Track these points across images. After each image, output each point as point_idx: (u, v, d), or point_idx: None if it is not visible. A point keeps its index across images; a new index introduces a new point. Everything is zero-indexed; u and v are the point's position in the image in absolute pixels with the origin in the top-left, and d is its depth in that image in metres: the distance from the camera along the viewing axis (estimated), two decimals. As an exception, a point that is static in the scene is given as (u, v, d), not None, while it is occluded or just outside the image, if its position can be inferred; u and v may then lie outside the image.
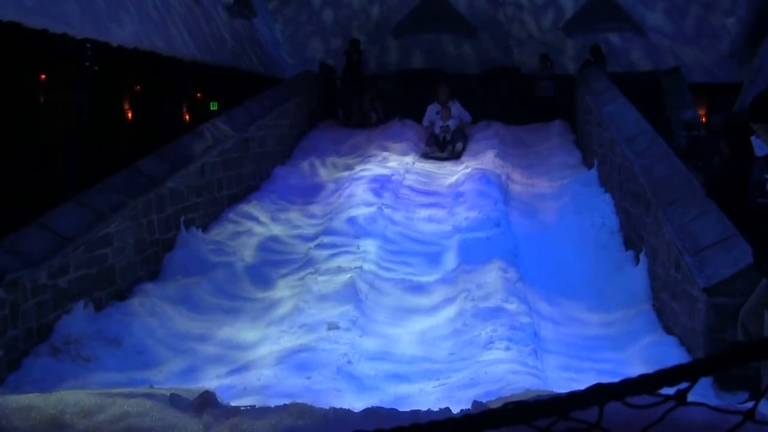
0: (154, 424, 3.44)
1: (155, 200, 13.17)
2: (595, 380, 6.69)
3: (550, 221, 15.14)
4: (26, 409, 3.48)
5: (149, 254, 12.86)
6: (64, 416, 3.47)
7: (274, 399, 7.91)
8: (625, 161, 14.10)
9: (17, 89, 17.68)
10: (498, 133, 21.08)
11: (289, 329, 10.79)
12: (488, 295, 11.21)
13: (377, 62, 26.46)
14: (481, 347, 9.86)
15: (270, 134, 19.04)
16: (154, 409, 3.58)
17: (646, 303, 11.29)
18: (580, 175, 17.02)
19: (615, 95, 17.97)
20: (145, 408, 3.56)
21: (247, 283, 12.88)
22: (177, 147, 14.86)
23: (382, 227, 14.47)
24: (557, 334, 10.91)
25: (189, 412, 3.68)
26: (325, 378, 8.90)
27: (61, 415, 3.47)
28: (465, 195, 16.08)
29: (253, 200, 16.42)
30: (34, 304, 10.01)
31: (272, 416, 3.65)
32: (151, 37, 19.19)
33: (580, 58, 26.13)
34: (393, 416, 3.75)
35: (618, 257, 13.05)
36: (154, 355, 10.35)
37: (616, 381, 1.69)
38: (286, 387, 8.81)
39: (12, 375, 9.48)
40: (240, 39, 25.40)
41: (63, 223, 11.10)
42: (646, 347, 10.04)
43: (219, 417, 3.63)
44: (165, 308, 11.47)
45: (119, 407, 3.55)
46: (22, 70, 17.41)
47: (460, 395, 8.17)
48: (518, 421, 1.66)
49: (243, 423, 3.58)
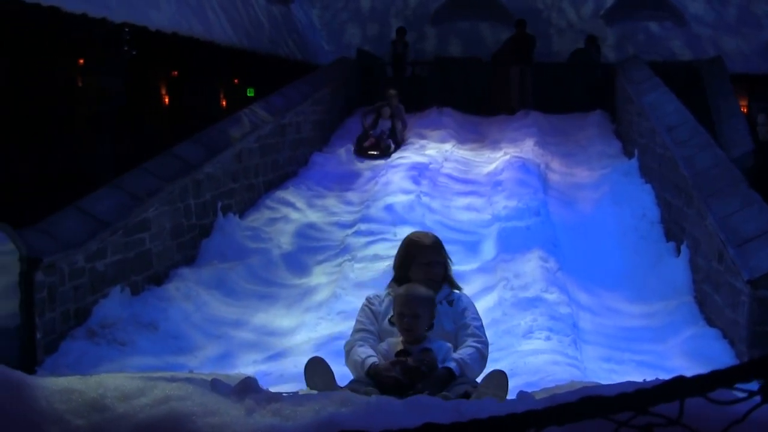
0: (196, 409, 3.37)
1: (192, 185, 13.13)
2: (636, 372, 6.55)
3: (589, 211, 15.00)
4: (67, 392, 3.42)
5: (186, 239, 12.83)
6: (105, 399, 3.41)
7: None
8: (666, 151, 13.94)
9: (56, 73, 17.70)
10: (537, 122, 20.96)
11: (326, 316, 10.76)
12: (527, 284, 11.10)
13: (414, 49, 26.31)
14: (521, 337, 9.77)
15: (307, 120, 18.99)
16: (196, 393, 3.51)
17: (687, 295, 11.15)
18: (620, 165, 16.85)
19: (655, 84, 17.80)
20: (187, 392, 3.49)
21: (283, 269, 12.84)
22: (214, 132, 14.82)
23: (419, 215, 14.37)
24: (596, 325, 10.80)
25: (230, 397, 3.62)
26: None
27: (101, 398, 3.42)
28: (504, 183, 15.95)
29: (290, 186, 16.37)
30: (71, 287, 10.00)
31: (315, 403, 3.59)
32: (190, 22, 19.17)
33: (620, 47, 25.98)
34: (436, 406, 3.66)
35: (658, 248, 12.91)
36: (189, 340, 10.33)
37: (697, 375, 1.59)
38: (324, 374, 8.75)
39: (49, 357, 9.47)
40: (277, 25, 25.35)
41: (100, 207, 11.07)
42: (687, 340, 9.92)
43: (261, 402, 3.56)
44: (201, 293, 11.46)
45: (160, 391, 3.48)
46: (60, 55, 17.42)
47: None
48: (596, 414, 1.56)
49: (285, 409, 3.51)
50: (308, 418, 3.35)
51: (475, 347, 6.11)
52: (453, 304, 6.43)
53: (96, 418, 3.36)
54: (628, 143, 18.41)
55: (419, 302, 5.92)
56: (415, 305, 5.89)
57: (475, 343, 6.14)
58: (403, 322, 5.90)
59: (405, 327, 5.89)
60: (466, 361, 5.95)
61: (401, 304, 5.92)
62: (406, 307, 5.90)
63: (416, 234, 6.63)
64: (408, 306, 5.88)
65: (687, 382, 1.57)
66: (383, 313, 6.34)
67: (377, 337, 6.26)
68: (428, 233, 6.70)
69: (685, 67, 23.91)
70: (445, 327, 6.24)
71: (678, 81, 19.48)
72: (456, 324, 6.30)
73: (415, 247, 6.44)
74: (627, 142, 18.62)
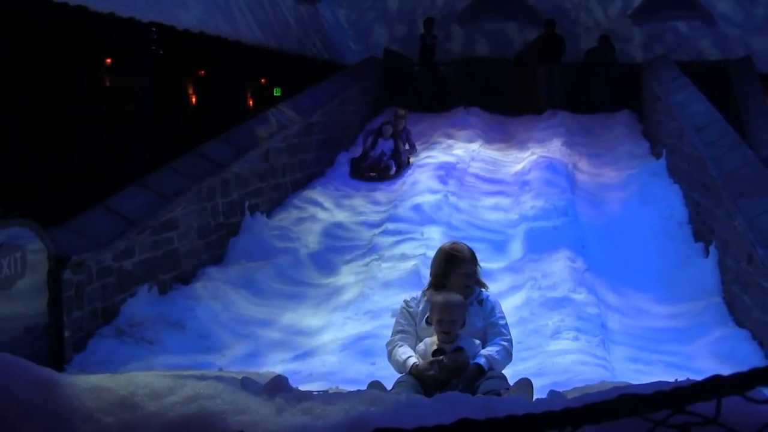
0: (226, 407, 3.37)
1: (220, 185, 13.16)
2: (664, 373, 6.51)
3: (617, 211, 14.94)
4: (97, 390, 3.42)
5: (213, 239, 12.86)
6: (135, 397, 3.42)
7: (340, 385, 7.89)
8: (695, 151, 13.87)
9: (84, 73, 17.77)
10: (564, 122, 20.89)
11: (354, 316, 10.77)
12: (555, 284, 11.09)
13: (441, 49, 26.24)
14: (548, 337, 9.76)
15: (334, 120, 18.98)
16: (226, 392, 3.51)
17: (716, 296, 11.09)
18: (647, 166, 16.77)
19: (684, 84, 17.71)
20: (216, 390, 3.49)
21: (311, 269, 12.85)
22: (241, 132, 14.84)
23: (447, 215, 14.37)
24: (624, 325, 10.77)
25: (261, 395, 3.62)
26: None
27: (131, 396, 3.42)
28: (531, 183, 15.92)
29: (318, 186, 16.38)
30: (98, 286, 10.04)
31: (345, 402, 3.58)
32: (217, 22, 19.20)
33: (647, 46, 25.85)
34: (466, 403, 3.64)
35: (686, 249, 12.85)
36: (217, 340, 10.36)
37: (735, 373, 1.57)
38: (352, 373, 8.80)
39: (77, 356, 9.52)
40: (304, 24, 25.37)
41: (128, 206, 11.11)
42: (716, 340, 9.88)
43: (291, 401, 3.56)
44: (228, 293, 11.48)
45: (190, 389, 3.48)
46: (88, 54, 17.48)
47: (527, 385, 8.03)
48: (633, 412, 1.55)
49: (315, 407, 3.50)
50: (338, 417, 3.34)
51: (502, 345, 6.77)
52: (482, 303, 7.03)
53: (126, 416, 3.36)
54: (656, 143, 18.31)
55: (457, 310, 6.63)
56: (454, 313, 6.61)
57: (502, 341, 6.81)
58: (442, 326, 6.60)
59: (443, 330, 6.59)
60: (494, 357, 6.61)
61: (441, 312, 6.60)
62: (445, 314, 6.59)
63: (453, 247, 7.12)
64: (447, 313, 6.58)
65: (725, 381, 1.56)
66: (420, 314, 6.97)
67: (415, 335, 6.97)
68: (463, 245, 7.17)
69: (713, 66, 23.77)
70: (476, 325, 6.88)
71: (706, 81, 19.34)
72: (484, 322, 6.93)
73: (455, 261, 6.98)
74: (655, 142, 18.52)
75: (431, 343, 6.71)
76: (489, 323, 6.94)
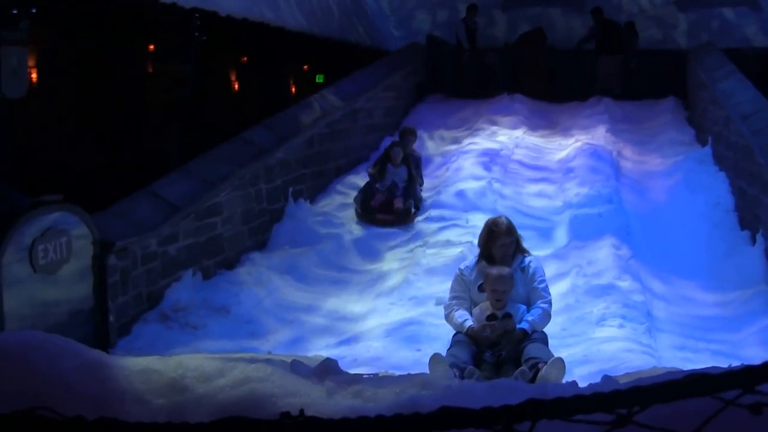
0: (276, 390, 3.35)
1: (263, 170, 13.16)
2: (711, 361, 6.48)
3: (662, 199, 14.82)
4: (146, 372, 3.42)
5: (257, 224, 12.87)
6: (185, 380, 3.41)
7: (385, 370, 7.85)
8: (741, 139, 13.72)
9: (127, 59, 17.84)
10: (608, 109, 20.73)
11: (398, 302, 10.75)
12: (600, 271, 11.01)
13: (484, 35, 26.10)
14: (594, 324, 9.70)
15: (378, 106, 18.94)
16: (275, 375, 3.49)
17: (763, 284, 10.99)
18: (693, 153, 16.61)
19: (730, 71, 17.53)
20: (266, 374, 3.48)
21: (355, 254, 12.84)
22: (285, 118, 14.84)
23: (491, 201, 14.29)
24: (670, 313, 10.69)
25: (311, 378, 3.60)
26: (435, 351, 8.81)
27: (181, 379, 3.42)
28: (575, 170, 15.81)
29: (362, 171, 16.31)
30: (143, 271, 10.08)
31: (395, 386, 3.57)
32: (260, 8, 19.19)
33: (692, 33, 25.58)
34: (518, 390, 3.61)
35: (733, 237, 12.72)
36: (261, 325, 10.37)
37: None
38: (397, 359, 8.78)
39: (122, 340, 9.57)
40: (347, 11, 25.30)
41: (172, 191, 11.14)
42: (763, 329, 9.78)
43: (341, 384, 3.55)
44: (272, 278, 11.49)
45: (240, 372, 3.47)
46: (132, 41, 17.55)
47: (573, 372, 7.99)
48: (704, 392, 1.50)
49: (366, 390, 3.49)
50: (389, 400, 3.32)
51: (542, 308, 8.00)
52: (525, 270, 8.20)
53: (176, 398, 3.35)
54: (701, 131, 18.14)
55: (507, 282, 7.92)
56: (505, 284, 7.90)
57: (543, 304, 8.04)
58: (495, 295, 7.89)
59: (496, 298, 7.89)
60: (536, 321, 7.87)
61: (494, 283, 7.90)
62: (498, 285, 7.88)
63: (493, 222, 8.33)
64: (500, 284, 7.88)
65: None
66: (473, 282, 8.16)
67: (469, 300, 8.16)
68: (501, 220, 8.36)
69: (760, 53, 23.51)
70: (520, 291, 8.09)
71: (753, 68, 19.11)
72: (527, 287, 8.12)
73: (493, 235, 8.20)
74: (700, 129, 18.35)
75: (484, 308, 7.94)
76: (531, 288, 8.11)
